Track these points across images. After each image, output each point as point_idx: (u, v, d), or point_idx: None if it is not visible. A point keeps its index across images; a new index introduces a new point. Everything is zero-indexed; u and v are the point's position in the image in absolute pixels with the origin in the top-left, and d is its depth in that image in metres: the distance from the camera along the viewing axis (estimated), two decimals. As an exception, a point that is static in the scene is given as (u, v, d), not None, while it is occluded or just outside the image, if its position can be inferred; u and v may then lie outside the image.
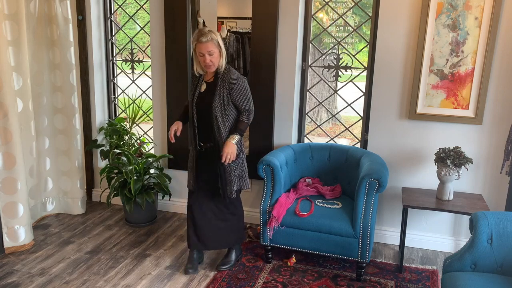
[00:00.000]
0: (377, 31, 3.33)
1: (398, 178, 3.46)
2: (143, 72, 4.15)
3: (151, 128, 4.16)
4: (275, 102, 3.62)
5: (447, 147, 3.08)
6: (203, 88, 2.96)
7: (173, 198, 4.03)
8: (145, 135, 4.28)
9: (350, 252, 2.98)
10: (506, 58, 3.09)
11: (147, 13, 3.99)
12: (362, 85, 3.64)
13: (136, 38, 4.14)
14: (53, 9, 3.62)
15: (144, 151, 4.02)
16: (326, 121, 4.43)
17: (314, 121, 7.53)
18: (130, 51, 4.15)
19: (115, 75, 4.29)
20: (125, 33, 4.28)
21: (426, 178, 3.39)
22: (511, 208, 3.09)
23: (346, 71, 3.61)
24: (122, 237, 3.64)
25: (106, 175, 3.80)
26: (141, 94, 4.18)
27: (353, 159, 3.35)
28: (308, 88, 3.72)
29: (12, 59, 3.28)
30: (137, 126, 4.24)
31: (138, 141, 4.16)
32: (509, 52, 3.08)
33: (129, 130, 4.11)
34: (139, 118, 4.16)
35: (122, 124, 4.14)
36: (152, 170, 3.90)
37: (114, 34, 4.19)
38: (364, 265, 3.01)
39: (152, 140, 4.19)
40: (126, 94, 4.23)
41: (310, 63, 3.66)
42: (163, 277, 3.07)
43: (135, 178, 3.62)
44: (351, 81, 3.59)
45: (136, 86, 4.19)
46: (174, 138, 3.05)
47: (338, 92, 3.81)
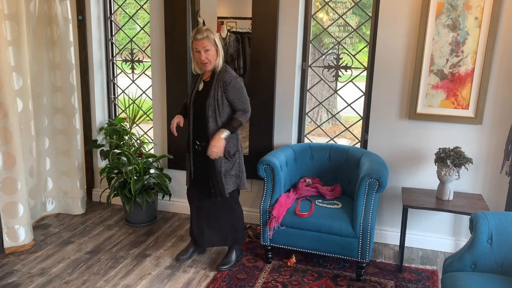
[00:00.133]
0: (377, 31, 3.33)
1: (398, 178, 3.46)
2: (143, 72, 4.15)
3: (151, 128, 4.16)
4: (275, 102, 3.62)
5: (447, 147, 3.08)
6: (201, 87, 2.99)
7: (173, 198, 4.03)
8: (145, 135, 4.28)
9: (350, 252, 2.98)
10: (506, 58, 3.09)
11: (147, 13, 3.99)
12: (362, 85, 3.64)
13: (136, 38, 4.14)
14: (53, 9, 3.62)
15: (144, 151, 4.02)
16: (326, 121, 4.43)
17: (314, 121, 7.53)
18: (130, 51, 4.14)
19: (115, 75, 4.29)
20: (125, 33, 4.28)
21: (426, 178, 3.39)
22: (511, 208, 3.09)
23: (346, 71, 3.61)
24: (122, 237, 3.64)
25: (106, 175, 3.80)
26: (141, 94, 4.18)
27: (353, 159, 3.35)
28: (308, 88, 3.72)
29: (12, 59, 3.28)
30: (137, 126, 4.24)
31: (138, 141, 4.16)
32: (509, 52, 3.08)
33: (129, 130, 4.11)
34: (139, 118, 4.16)
35: (122, 124, 4.14)
36: (152, 170, 3.90)
37: (114, 34, 4.19)
38: (364, 265, 3.01)
39: (152, 140, 4.19)
40: (126, 94, 4.23)
41: (310, 63, 3.65)
42: (163, 277, 3.07)
43: (135, 178, 3.62)
44: (351, 81, 3.59)
45: (136, 86, 4.19)
46: (176, 131, 3.07)
47: (338, 92, 3.81)
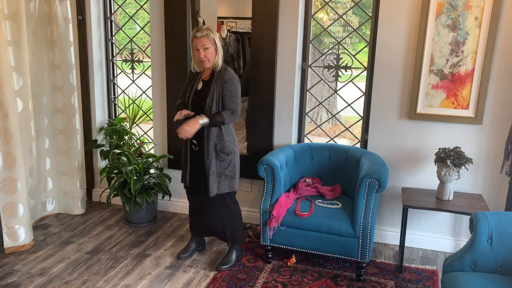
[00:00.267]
0: (377, 31, 3.33)
1: (398, 178, 3.46)
2: (143, 72, 4.15)
3: (151, 128, 4.16)
4: (275, 102, 3.62)
5: (447, 147, 3.08)
6: (200, 86, 2.99)
7: (173, 198, 4.03)
8: (145, 135, 4.28)
9: (350, 252, 2.98)
10: (506, 58, 3.09)
11: (147, 13, 3.99)
12: (362, 85, 3.64)
13: (136, 38, 4.14)
14: (53, 9, 3.62)
15: (144, 151, 4.02)
16: (326, 121, 4.43)
17: (314, 121, 7.52)
18: (130, 51, 4.14)
19: (115, 75, 4.29)
20: (125, 33, 4.28)
21: (426, 178, 3.39)
22: (511, 208, 3.09)
23: (346, 71, 3.61)
24: (122, 237, 3.64)
25: (106, 175, 3.80)
26: (141, 94, 4.17)
27: (353, 159, 3.35)
28: (308, 88, 3.72)
29: (12, 59, 3.28)
30: (137, 126, 4.24)
31: (138, 141, 4.16)
32: (509, 52, 3.08)
33: (129, 130, 4.11)
34: (139, 118, 4.16)
35: (122, 124, 4.14)
36: (152, 170, 3.90)
37: (114, 34, 4.19)
38: (364, 265, 3.01)
39: (152, 140, 4.19)
40: (126, 94, 4.23)
41: (310, 63, 3.65)
42: (163, 277, 3.07)
43: (135, 178, 3.62)
44: (351, 81, 3.58)
45: (136, 86, 4.19)
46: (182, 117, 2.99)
47: (338, 92, 3.81)
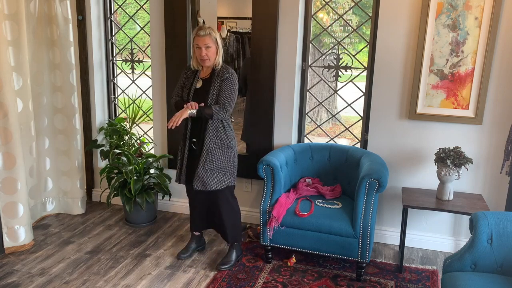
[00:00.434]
0: (377, 31, 3.33)
1: (398, 178, 3.46)
2: (143, 72, 4.15)
3: (151, 128, 4.16)
4: (275, 102, 3.62)
5: (447, 147, 3.08)
6: (199, 84, 2.99)
7: (173, 198, 4.03)
8: (145, 135, 4.28)
9: (350, 252, 2.98)
10: (506, 58, 3.09)
11: (147, 13, 3.99)
12: (362, 85, 3.64)
13: (136, 38, 4.14)
14: (53, 9, 3.62)
15: (144, 151, 4.02)
16: (326, 121, 4.43)
17: (314, 121, 7.52)
18: (130, 51, 4.14)
19: (115, 75, 4.29)
20: (125, 33, 4.28)
21: (426, 178, 3.39)
22: (511, 208, 3.09)
23: (346, 71, 3.61)
24: (122, 237, 3.64)
25: (106, 175, 3.80)
26: (141, 94, 4.17)
27: (353, 159, 3.35)
28: (308, 88, 3.72)
29: (12, 59, 3.28)
30: (137, 126, 4.24)
31: (138, 141, 4.16)
32: (509, 52, 3.08)
33: (129, 130, 4.11)
34: (139, 118, 4.16)
35: (122, 124, 4.14)
36: (152, 170, 3.90)
37: (114, 34, 4.19)
38: (364, 265, 3.01)
39: (152, 140, 4.19)
40: (126, 94, 4.23)
41: (310, 63, 3.65)
42: (163, 277, 3.07)
43: (135, 178, 3.62)
44: (351, 81, 3.58)
45: (136, 86, 4.19)
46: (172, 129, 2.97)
47: (338, 92, 3.81)
